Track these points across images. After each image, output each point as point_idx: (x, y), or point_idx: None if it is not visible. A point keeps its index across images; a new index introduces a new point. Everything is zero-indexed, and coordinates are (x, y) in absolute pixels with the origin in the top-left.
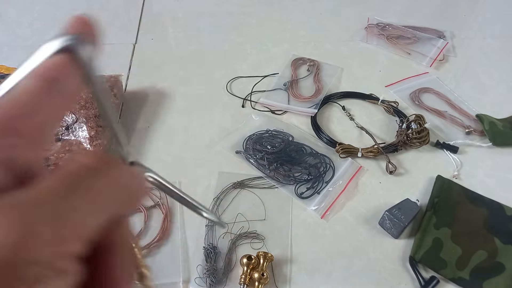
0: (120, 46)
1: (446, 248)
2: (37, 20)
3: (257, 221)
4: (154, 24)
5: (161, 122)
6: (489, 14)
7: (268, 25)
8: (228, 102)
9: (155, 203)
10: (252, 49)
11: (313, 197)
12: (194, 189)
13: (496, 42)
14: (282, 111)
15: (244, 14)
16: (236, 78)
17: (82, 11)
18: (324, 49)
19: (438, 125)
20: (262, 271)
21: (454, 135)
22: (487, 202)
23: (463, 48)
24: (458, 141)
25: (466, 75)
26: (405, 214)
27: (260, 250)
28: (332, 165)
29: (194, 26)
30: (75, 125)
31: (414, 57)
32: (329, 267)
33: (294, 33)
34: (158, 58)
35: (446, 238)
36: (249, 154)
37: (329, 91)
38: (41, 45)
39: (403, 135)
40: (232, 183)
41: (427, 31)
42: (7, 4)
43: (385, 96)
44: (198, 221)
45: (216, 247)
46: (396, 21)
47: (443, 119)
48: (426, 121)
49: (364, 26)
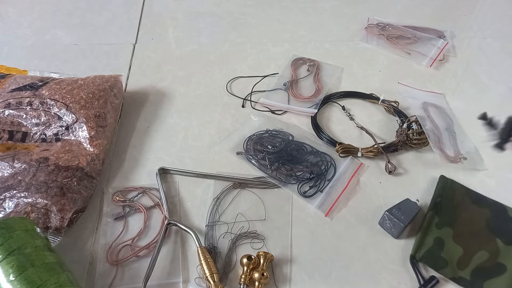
0: (120, 46)
1: (448, 248)
2: (37, 20)
3: (257, 221)
4: (154, 24)
5: (161, 122)
6: (489, 14)
7: (268, 25)
8: (228, 102)
9: (155, 203)
10: (252, 49)
11: (316, 196)
12: (194, 189)
13: (496, 42)
14: (282, 111)
15: (244, 14)
16: (236, 78)
17: (82, 11)
18: (324, 49)
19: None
20: (262, 271)
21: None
22: (490, 203)
23: (463, 48)
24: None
25: (466, 75)
26: (405, 214)
27: (260, 250)
28: (333, 163)
29: (194, 26)
30: (75, 125)
31: (414, 57)
32: (329, 267)
33: (294, 33)
34: (158, 58)
35: (448, 237)
36: (250, 155)
37: (329, 91)
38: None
39: (403, 135)
40: (232, 183)
41: (427, 31)
42: (7, 4)
43: (389, 94)
44: (198, 221)
45: (216, 247)
46: (396, 21)
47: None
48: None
49: (364, 26)
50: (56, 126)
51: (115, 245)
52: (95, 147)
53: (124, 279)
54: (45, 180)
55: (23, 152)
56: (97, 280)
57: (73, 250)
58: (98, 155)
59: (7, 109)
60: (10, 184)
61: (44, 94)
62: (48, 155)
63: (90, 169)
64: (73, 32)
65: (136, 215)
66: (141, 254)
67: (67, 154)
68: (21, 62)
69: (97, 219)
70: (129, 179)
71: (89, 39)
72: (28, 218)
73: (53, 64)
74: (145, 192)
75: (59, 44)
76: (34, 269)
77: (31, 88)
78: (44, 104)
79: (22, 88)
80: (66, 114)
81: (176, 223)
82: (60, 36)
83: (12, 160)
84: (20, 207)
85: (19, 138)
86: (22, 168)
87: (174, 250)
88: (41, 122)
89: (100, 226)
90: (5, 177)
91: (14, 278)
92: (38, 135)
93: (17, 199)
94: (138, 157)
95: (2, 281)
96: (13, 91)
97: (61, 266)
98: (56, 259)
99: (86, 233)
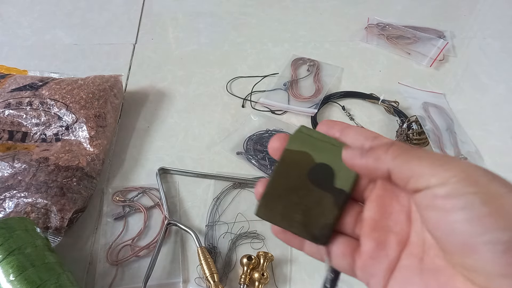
0: (120, 46)
1: None
2: (37, 20)
3: (257, 221)
4: (154, 24)
5: (161, 122)
6: (489, 14)
7: (268, 25)
8: (228, 102)
9: (155, 203)
10: (252, 49)
11: None
12: (194, 189)
13: (496, 42)
14: (282, 111)
15: (244, 14)
16: (236, 78)
17: (82, 11)
18: (324, 49)
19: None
20: (262, 271)
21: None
22: None
23: (463, 48)
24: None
25: (466, 75)
26: None
27: (260, 250)
28: None
29: (194, 26)
30: (75, 125)
31: (414, 57)
32: None
33: (294, 33)
34: (158, 58)
35: None
36: (250, 155)
37: (329, 91)
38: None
39: (403, 135)
40: (232, 183)
41: (427, 31)
42: (7, 4)
43: (389, 94)
44: (198, 221)
45: (216, 247)
46: (396, 21)
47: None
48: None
49: (364, 26)
50: (56, 126)
51: (115, 245)
52: (95, 147)
53: (124, 279)
54: (45, 180)
55: (23, 152)
56: (97, 280)
57: (73, 250)
58: (98, 155)
59: (7, 109)
60: (10, 184)
61: (44, 94)
62: (48, 155)
63: (90, 169)
64: (73, 32)
65: (136, 215)
66: (141, 254)
67: (67, 154)
68: (21, 62)
69: (97, 219)
70: (129, 179)
71: (89, 39)
72: (28, 218)
73: (53, 64)
74: (145, 192)
75: (59, 44)
76: (34, 269)
77: (31, 88)
78: (44, 104)
79: (22, 88)
80: (66, 114)
81: (176, 223)
82: (60, 36)
83: (12, 160)
84: (20, 207)
85: (19, 138)
86: (22, 168)
87: (174, 250)
88: (41, 122)
89: (100, 226)
90: (5, 177)
91: (14, 278)
92: (38, 135)
93: (17, 199)
94: (138, 157)
95: (2, 281)
96: (13, 91)
97: (61, 266)
98: (56, 259)
99: (86, 233)
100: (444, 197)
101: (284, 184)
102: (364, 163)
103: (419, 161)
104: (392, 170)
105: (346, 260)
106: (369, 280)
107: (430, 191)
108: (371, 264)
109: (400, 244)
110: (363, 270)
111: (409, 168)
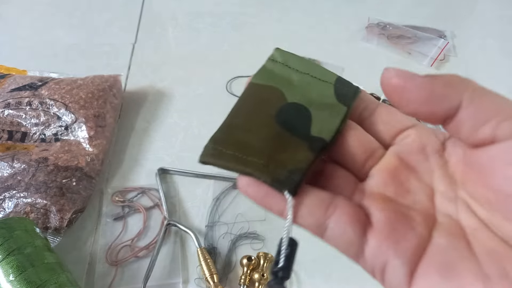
0: (119, 46)
1: None
2: (37, 20)
3: (257, 222)
4: (154, 24)
5: (161, 122)
6: (489, 14)
7: (268, 25)
8: (228, 102)
9: (155, 203)
10: (252, 49)
11: None
12: (193, 189)
13: (496, 42)
14: None
15: (244, 14)
16: (236, 78)
17: (82, 11)
18: (324, 48)
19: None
20: (262, 272)
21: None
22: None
23: (464, 48)
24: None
25: (466, 75)
26: None
27: (260, 250)
28: None
29: (194, 26)
30: (74, 125)
31: (415, 56)
32: (329, 267)
33: (294, 32)
34: (158, 58)
35: None
36: None
37: None
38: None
39: None
40: (232, 183)
41: (427, 31)
42: (7, 4)
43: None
44: (198, 221)
45: (216, 248)
46: (397, 21)
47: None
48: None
49: (364, 26)
50: (55, 126)
51: (115, 246)
52: (94, 147)
53: (124, 280)
54: (45, 180)
55: (23, 152)
56: (96, 280)
57: (73, 250)
58: (97, 155)
59: (6, 109)
60: (10, 184)
61: (44, 94)
62: (48, 155)
63: (90, 169)
64: (73, 32)
65: (136, 216)
66: (141, 254)
67: (66, 154)
68: (20, 62)
69: (96, 220)
70: (129, 179)
71: (89, 39)
72: (27, 218)
73: (52, 64)
74: (145, 193)
75: (59, 44)
76: (34, 269)
77: (30, 88)
78: (44, 104)
79: (21, 88)
80: (66, 114)
81: (175, 223)
82: (60, 36)
83: (12, 160)
84: (19, 207)
85: (19, 138)
86: (22, 168)
87: (174, 250)
88: (40, 122)
89: (100, 226)
90: (5, 177)
91: (14, 278)
92: (38, 135)
93: (17, 199)
94: (137, 157)
95: (2, 281)
96: (12, 91)
97: (60, 266)
98: (56, 259)
99: (85, 233)
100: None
101: (242, 126)
102: (430, 88)
103: (505, 100)
104: (466, 106)
105: (348, 234)
106: (384, 265)
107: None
108: (391, 242)
109: (428, 221)
110: (378, 249)
111: (492, 107)
